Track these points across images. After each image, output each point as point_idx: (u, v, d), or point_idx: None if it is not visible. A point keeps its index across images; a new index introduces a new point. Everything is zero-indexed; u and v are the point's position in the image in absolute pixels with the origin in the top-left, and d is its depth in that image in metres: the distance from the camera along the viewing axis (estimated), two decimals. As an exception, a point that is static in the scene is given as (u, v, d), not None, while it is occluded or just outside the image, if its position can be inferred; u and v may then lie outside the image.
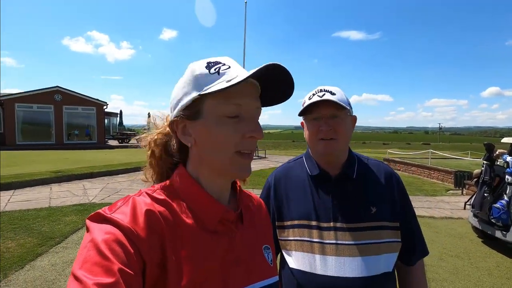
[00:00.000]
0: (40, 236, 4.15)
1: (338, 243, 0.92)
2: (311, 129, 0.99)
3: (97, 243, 0.46)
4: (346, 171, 1.00)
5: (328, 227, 0.94)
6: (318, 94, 0.97)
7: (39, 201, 6.04)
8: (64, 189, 7.14)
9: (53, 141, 20.29)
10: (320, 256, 0.92)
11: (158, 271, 0.50)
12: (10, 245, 3.83)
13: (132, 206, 0.53)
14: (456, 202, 7.16)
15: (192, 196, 0.59)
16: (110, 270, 0.43)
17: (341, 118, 0.96)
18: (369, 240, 0.92)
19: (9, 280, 3.04)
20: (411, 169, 12.26)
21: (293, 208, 1.01)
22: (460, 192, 8.39)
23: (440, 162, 12.87)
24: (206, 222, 0.58)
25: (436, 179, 10.53)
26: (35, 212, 5.23)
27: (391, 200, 0.99)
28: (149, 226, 0.51)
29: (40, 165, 9.87)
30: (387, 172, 1.04)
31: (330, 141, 0.95)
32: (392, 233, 0.95)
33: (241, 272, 0.59)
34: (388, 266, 0.94)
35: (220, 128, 0.55)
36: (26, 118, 19.75)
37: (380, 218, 0.95)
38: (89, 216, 0.52)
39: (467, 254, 4.15)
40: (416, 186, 9.23)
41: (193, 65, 0.58)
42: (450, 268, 3.68)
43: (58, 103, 20.44)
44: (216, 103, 0.55)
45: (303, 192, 1.02)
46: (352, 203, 0.97)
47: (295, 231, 0.98)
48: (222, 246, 0.58)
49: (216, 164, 0.58)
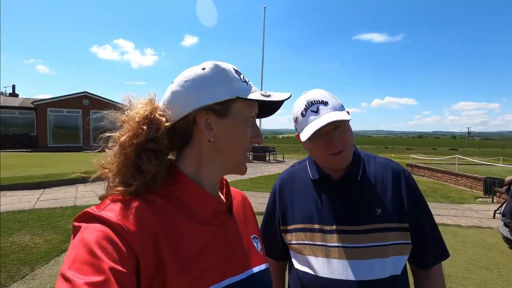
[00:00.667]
0: (65, 233, 4.36)
1: (342, 246, 0.90)
2: (318, 147, 0.93)
3: (87, 242, 0.45)
4: (350, 173, 0.97)
5: (330, 230, 0.93)
6: (311, 109, 0.91)
7: (66, 200, 6.36)
8: (89, 189, 7.46)
9: (80, 144, 21.34)
10: (323, 259, 0.91)
11: (154, 266, 0.50)
12: (38, 241, 4.06)
13: (121, 203, 0.52)
14: (486, 211, 6.74)
15: (184, 190, 0.59)
16: (100, 269, 0.43)
17: (343, 125, 0.92)
18: (374, 243, 0.89)
19: (35, 274, 3.21)
20: (436, 175, 11.72)
21: (297, 212, 1.01)
22: (490, 200, 7.90)
23: (468, 168, 12.21)
24: (199, 214, 0.59)
25: (464, 186, 9.99)
26: (61, 211, 5.51)
27: (398, 200, 0.95)
28: (140, 222, 0.50)
29: (68, 166, 10.39)
30: (394, 170, 0.99)
31: (341, 153, 0.91)
32: (399, 235, 0.92)
33: (237, 261, 0.62)
34: (395, 270, 0.90)
35: (244, 129, 0.62)
36: (56, 122, 20.89)
37: (386, 219, 0.91)
38: (77, 216, 0.51)
39: (497, 266, 3.88)
40: (441, 193, 8.80)
41: (225, 66, 0.61)
42: (478, 281, 3.46)
43: (85, 108, 21.50)
44: (245, 107, 0.62)
45: (306, 196, 1.01)
46: (355, 205, 0.94)
47: (298, 234, 0.98)
48: (217, 237, 0.60)
49: (230, 159, 0.63)
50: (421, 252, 0.96)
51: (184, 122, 0.59)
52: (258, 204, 6.31)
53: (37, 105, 20.24)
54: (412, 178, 1.01)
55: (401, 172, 1.00)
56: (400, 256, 0.91)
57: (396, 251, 0.90)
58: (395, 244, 0.91)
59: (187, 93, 0.59)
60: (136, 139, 0.55)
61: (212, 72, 0.60)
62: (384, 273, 0.88)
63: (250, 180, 9.50)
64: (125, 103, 0.60)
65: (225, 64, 0.62)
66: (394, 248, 0.90)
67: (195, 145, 0.61)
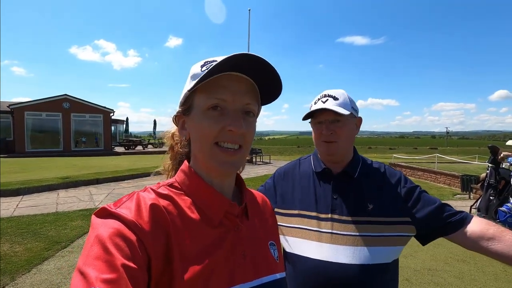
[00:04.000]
0: (47, 241, 4.23)
1: (334, 233, 1.00)
2: (315, 132, 1.09)
3: (102, 238, 0.46)
4: (348, 170, 1.08)
5: (326, 218, 1.02)
6: (322, 99, 1.06)
7: (47, 206, 6.15)
8: (71, 195, 7.25)
9: (61, 148, 20.62)
10: (316, 243, 1.00)
11: (163, 264, 0.50)
12: (17, 249, 3.91)
13: (137, 201, 0.54)
14: (463, 207, 7.04)
15: (196, 190, 0.60)
16: (114, 266, 0.43)
17: (342, 122, 1.03)
18: (363, 233, 0.98)
19: (16, 283, 3.10)
20: (417, 173, 12.13)
21: (297, 199, 1.10)
22: (468, 196, 8.26)
23: (447, 167, 12.70)
24: (211, 216, 0.58)
25: (443, 184, 10.39)
26: (42, 217, 5.32)
27: (393, 198, 1.02)
28: (154, 220, 0.51)
29: (48, 172, 10.04)
30: (388, 172, 1.09)
31: (331, 143, 1.04)
32: (391, 228, 0.98)
33: (247, 266, 0.59)
34: (384, 258, 0.97)
35: (204, 121, 0.57)
36: (35, 126, 20.11)
37: (376, 214, 1.00)
38: (95, 212, 0.53)
39: (473, 258, 4.08)
40: (422, 190, 9.12)
41: (193, 66, 0.62)
42: (456, 273, 3.63)
43: (66, 111, 20.83)
44: (202, 97, 0.57)
45: (307, 185, 1.11)
46: (350, 199, 1.04)
47: (296, 219, 1.06)
48: (228, 240, 0.58)
49: (200, 157, 0.60)
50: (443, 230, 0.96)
51: None
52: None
53: (13, 109, 19.41)
54: (405, 176, 1.09)
55: (393, 173, 1.10)
56: (390, 247, 0.98)
57: (386, 243, 0.97)
58: (385, 236, 0.98)
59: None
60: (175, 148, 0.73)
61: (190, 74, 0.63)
62: (372, 260, 0.95)
63: (237, 182, 9.49)
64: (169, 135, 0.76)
65: (197, 63, 0.61)
66: (384, 240, 0.97)
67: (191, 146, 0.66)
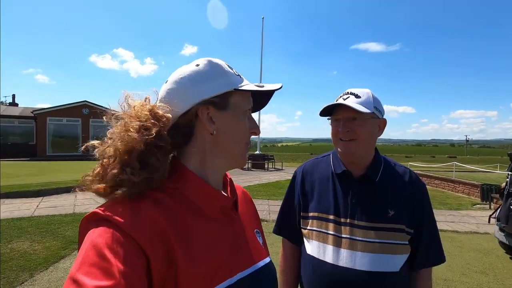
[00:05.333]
0: (64, 240, 4.37)
1: (352, 238, 0.97)
2: (333, 129, 1.07)
3: (96, 244, 0.44)
4: (370, 173, 1.04)
5: (344, 223, 1.00)
6: (343, 96, 1.03)
7: (65, 207, 6.37)
8: (88, 197, 7.46)
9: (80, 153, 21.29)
10: (333, 247, 0.99)
11: (165, 264, 0.49)
12: (36, 248, 4.07)
13: (129, 203, 0.51)
14: (483, 217, 6.77)
15: (191, 187, 0.59)
16: (110, 272, 0.42)
17: (361, 120, 0.99)
18: (382, 240, 0.96)
19: (34, 279, 3.22)
20: (434, 182, 11.76)
21: (316, 201, 1.08)
22: (488, 206, 7.93)
23: (466, 175, 12.27)
24: (207, 211, 0.58)
25: (462, 193, 10.02)
26: (60, 218, 5.51)
27: (411, 208, 1.00)
28: (149, 221, 0.49)
29: (66, 174, 10.39)
30: (412, 179, 1.05)
31: (349, 142, 1.00)
32: (403, 236, 0.98)
33: (244, 256, 0.62)
34: (394, 266, 0.96)
35: (243, 121, 0.63)
36: (56, 131, 20.96)
37: (397, 221, 0.98)
38: (85, 217, 0.50)
39: (493, 270, 3.91)
40: (439, 199, 8.83)
41: (218, 61, 0.62)
42: (473, 285, 3.48)
43: (85, 117, 21.59)
44: (242, 99, 0.63)
45: (326, 188, 1.08)
46: (370, 204, 1.01)
47: (314, 222, 1.06)
48: (225, 233, 0.60)
49: (233, 152, 0.63)
50: (419, 257, 1.02)
51: (185, 118, 0.59)
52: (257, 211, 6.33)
53: (36, 114, 20.33)
54: (426, 189, 1.07)
55: (418, 182, 1.06)
56: (400, 255, 0.98)
57: (400, 251, 0.97)
58: (400, 244, 0.97)
59: (185, 89, 0.59)
60: (145, 134, 0.53)
61: (207, 67, 0.61)
62: (387, 268, 0.95)
63: (248, 187, 9.51)
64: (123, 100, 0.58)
65: (217, 60, 0.63)
66: (400, 247, 0.97)
67: (198, 140, 0.61)
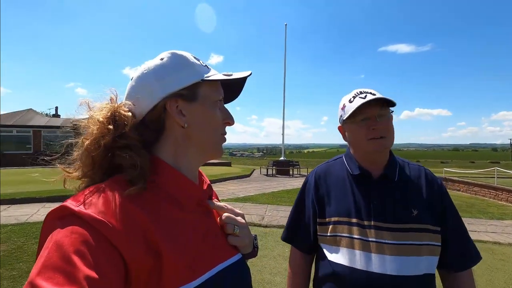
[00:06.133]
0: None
1: (380, 241, 0.93)
2: (360, 130, 0.99)
3: (61, 245, 0.40)
4: (388, 172, 1.01)
5: (369, 225, 0.96)
6: (359, 96, 0.99)
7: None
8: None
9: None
10: (360, 252, 0.94)
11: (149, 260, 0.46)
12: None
13: (104, 196, 0.47)
14: (530, 227, 6.14)
15: (168, 179, 0.57)
16: (74, 278, 0.38)
17: (388, 116, 0.99)
18: (410, 241, 0.92)
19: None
20: (473, 189, 10.91)
21: (334, 205, 1.04)
22: (536, 216, 7.18)
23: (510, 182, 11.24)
24: (184, 203, 0.58)
25: (505, 201, 9.18)
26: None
27: (432, 204, 0.98)
28: (127, 217, 0.46)
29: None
30: (428, 177, 1.04)
31: (380, 139, 0.97)
32: (433, 237, 0.95)
33: (222, 247, 0.62)
34: (429, 268, 0.93)
35: (214, 112, 0.62)
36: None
37: (422, 221, 0.95)
38: (53, 210, 0.46)
39: (542, 287, 3.50)
40: (479, 208, 8.15)
41: (183, 53, 0.62)
42: (519, 302, 3.14)
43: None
44: (211, 90, 0.62)
45: (343, 190, 1.04)
46: (393, 204, 0.97)
47: (336, 227, 1.00)
48: (203, 225, 0.59)
49: (207, 143, 0.62)
50: (452, 256, 0.97)
51: (153, 113, 0.58)
52: (280, 217, 6.25)
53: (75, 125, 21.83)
54: (443, 185, 1.04)
55: (435, 178, 1.04)
56: (433, 256, 0.94)
57: (430, 251, 0.94)
58: (429, 245, 0.94)
59: (150, 83, 0.58)
60: (103, 140, 0.52)
61: (172, 59, 0.60)
62: (419, 271, 0.91)
63: (272, 194, 9.44)
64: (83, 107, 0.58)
65: (182, 52, 0.62)
66: (428, 248, 0.93)
67: (169, 134, 0.60)
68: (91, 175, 0.55)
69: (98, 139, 0.53)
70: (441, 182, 1.05)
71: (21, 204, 6.91)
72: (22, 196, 7.23)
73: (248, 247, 0.69)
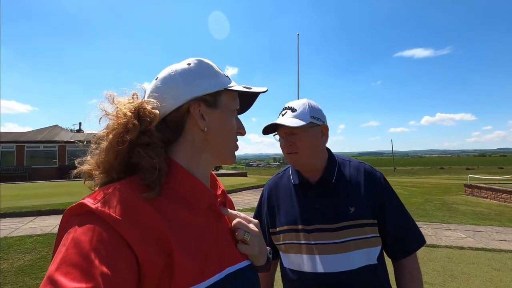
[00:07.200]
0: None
1: (322, 243, 1.00)
2: (280, 145, 1.11)
3: (79, 242, 0.42)
4: (325, 176, 1.08)
5: (312, 230, 1.03)
6: (282, 112, 1.08)
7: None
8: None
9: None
10: (307, 256, 1.01)
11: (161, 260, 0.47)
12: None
13: (121, 196, 0.48)
14: None
15: (181, 181, 0.58)
16: (90, 275, 0.39)
17: (299, 133, 1.04)
18: (349, 238, 0.99)
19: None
20: (501, 196, 10.31)
21: (282, 215, 1.11)
22: None
23: (543, 188, 10.53)
24: (197, 206, 0.58)
25: (539, 209, 8.61)
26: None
27: (368, 199, 1.03)
28: (142, 217, 0.47)
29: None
30: (366, 172, 1.09)
31: (293, 154, 1.06)
32: (371, 229, 1.01)
33: (231, 252, 0.62)
34: (370, 259, 1.00)
35: (231, 120, 0.65)
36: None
37: (358, 216, 1.01)
38: (71, 208, 0.47)
39: None
40: (509, 216, 7.69)
41: (209, 62, 0.64)
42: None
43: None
44: (231, 99, 0.65)
45: (289, 200, 1.12)
46: (331, 206, 1.04)
47: (285, 235, 1.08)
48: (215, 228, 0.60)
49: (224, 149, 0.65)
50: (393, 245, 1.06)
51: (176, 114, 0.59)
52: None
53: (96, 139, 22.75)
54: (384, 178, 1.10)
55: (372, 173, 1.10)
56: (374, 247, 1.01)
57: (369, 244, 1.00)
58: (369, 238, 1.00)
59: (177, 85, 0.59)
60: (129, 135, 0.52)
61: (199, 66, 0.62)
62: (360, 263, 0.98)
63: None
64: (108, 101, 0.57)
65: (207, 60, 0.65)
66: (369, 241, 1.00)
67: (188, 136, 0.61)
68: (109, 171, 0.54)
69: (122, 134, 0.52)
70: (380, 174, 1.10)
71: (46, 215, 7.25)
72: (48, 208, 7.58)
73: (259, 257, 0.68)
